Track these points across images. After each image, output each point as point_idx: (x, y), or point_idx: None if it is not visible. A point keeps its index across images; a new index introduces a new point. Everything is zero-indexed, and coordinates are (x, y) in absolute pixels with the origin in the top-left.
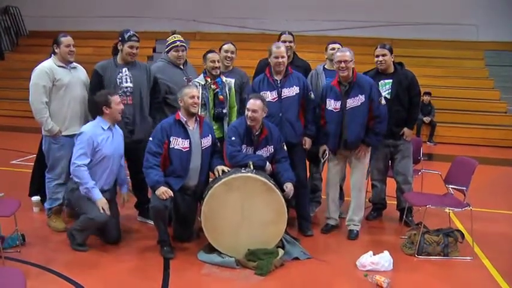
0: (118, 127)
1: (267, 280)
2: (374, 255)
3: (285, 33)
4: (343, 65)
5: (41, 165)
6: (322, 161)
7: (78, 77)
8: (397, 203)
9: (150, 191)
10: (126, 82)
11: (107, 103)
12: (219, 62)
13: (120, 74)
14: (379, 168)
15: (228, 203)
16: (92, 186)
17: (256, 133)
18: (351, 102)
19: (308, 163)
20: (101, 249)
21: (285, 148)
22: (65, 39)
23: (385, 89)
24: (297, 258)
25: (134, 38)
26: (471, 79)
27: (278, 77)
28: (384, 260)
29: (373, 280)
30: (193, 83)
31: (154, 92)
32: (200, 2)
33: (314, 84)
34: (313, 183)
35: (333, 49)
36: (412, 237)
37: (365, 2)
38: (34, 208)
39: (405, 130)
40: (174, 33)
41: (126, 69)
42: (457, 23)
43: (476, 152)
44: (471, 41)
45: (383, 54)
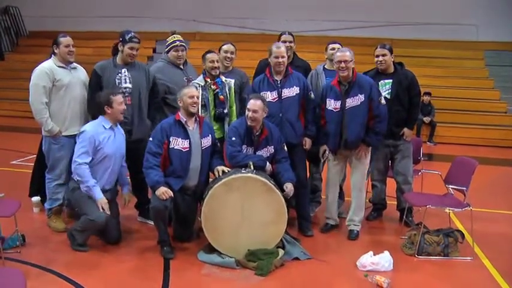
0: (120, 127)
1: (267, 280)
2: (374, 255)
3: (285, 33)
4: (343, 65)
5: (41, 166)
6: (322, 161)
7: (78, 78)
8: (397, 203)
9: (150, 191)
10: (125, 83)
11: (109, 103)
12: (218, 62)
13: (119, 74)
14: (379, 168)
15: (228, 203)
16: (93, 185)
17: (257, 133)
18: (351, 101)
19: (308, 163)
20: (101, 250)
21: (285, 148)
22: (64, 40)
23: (385, 89)
24: (297, 259)
25: (135, 39)
26: (471, 79)
27: (278, 77)
28: (384, 260)
29: (373, 280)
30: (193, 84)
31: (153, 92)
32: (200, 2)
33: (314, 84)
34: (313, 183)
35: (333, 49)
36: (412, 237)
37: (365, 2)
38: (34, 208)
39: (405, 130)
40: (174, 33)
41: (125, 69)
42: (457, 23)
43: (476, 152)
44: (471, 41)
45: (383, 54)
